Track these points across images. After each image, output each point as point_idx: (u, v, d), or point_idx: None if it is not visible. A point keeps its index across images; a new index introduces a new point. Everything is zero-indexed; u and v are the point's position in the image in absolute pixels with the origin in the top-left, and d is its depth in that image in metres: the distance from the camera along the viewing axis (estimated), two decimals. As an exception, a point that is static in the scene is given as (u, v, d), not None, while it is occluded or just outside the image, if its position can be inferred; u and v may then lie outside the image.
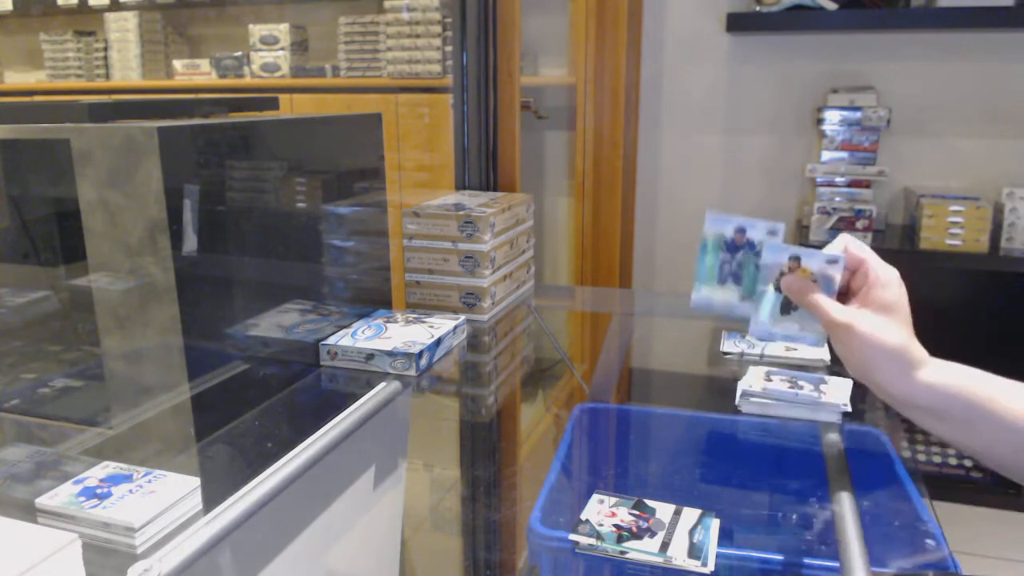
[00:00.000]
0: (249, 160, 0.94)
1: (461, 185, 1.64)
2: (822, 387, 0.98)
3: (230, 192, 0.90)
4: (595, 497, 0.78)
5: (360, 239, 1.18)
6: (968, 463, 2.25)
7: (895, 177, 2.36)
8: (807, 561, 0.73)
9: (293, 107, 2.89)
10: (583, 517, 0.74)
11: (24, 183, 0.92)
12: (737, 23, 2.32)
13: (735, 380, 1.02)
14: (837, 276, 0.73)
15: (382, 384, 1.00)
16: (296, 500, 0.74)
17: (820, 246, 0.75)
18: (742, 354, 1.14)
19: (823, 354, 1.13)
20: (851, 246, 0.73)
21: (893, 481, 0.86)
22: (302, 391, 1.04)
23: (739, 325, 1.27)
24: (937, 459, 2.28)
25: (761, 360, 1.12)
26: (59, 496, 0.69)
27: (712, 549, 0.69)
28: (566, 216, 2.65)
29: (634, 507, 0.76)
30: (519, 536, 0.79)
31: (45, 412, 0.92)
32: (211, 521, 0.66)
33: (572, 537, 0.71)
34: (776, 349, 1.15)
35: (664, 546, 0.69)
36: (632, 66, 2.45)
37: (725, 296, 0.78)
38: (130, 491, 0.70)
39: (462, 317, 1.22)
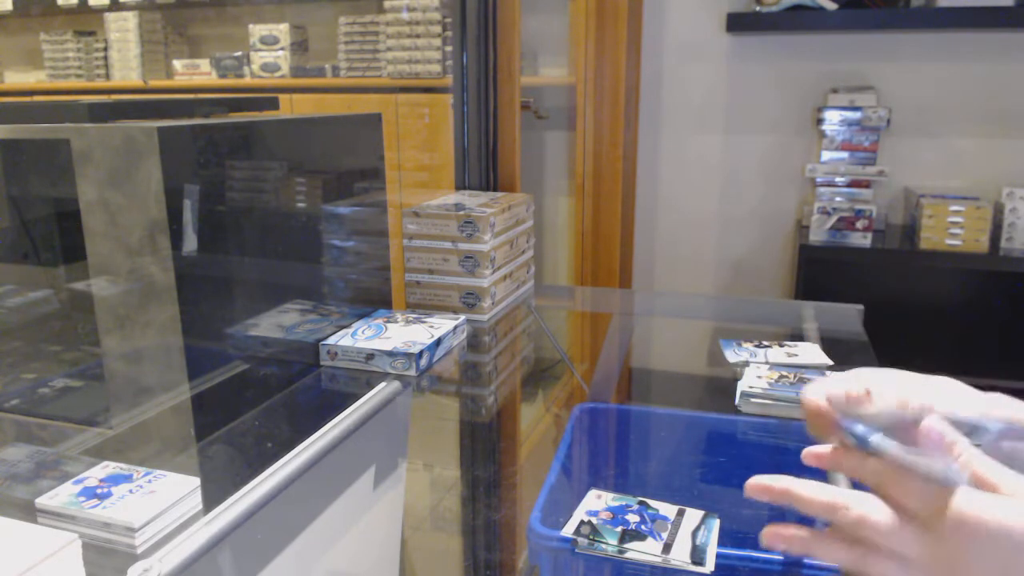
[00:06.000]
0: (249, 160, 0.94)
1: (461, 185, 1.64)
2: (822, 387, 0.98)
3: (230, 192, 0.90)
4: (592, 493, 0.78)
5: (360, 239, 1.18)
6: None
7: (895, 177, 2.36)
8: (807, 561, 0.73)
9: (293, 107, 2.89)
10: (577, 512, 0.74)
11: (24, 183, 0.92)
12: (737, 23, 2.32)
13: (735, 380, 1.02)
14: None
15: (382, 384, 1.00)
16: (296, 500, 0.74)
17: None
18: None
19: (823, 356, 1.13)
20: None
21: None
22: (302, 391, 1.04)
23: (735, 333, 1.27)
24: (937, 459, 2.27)
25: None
26: (59, 496, 0.69)
27: (712, 549, 0.69)
28: (566, 216, 2.65)
29: (634, 506, 0.76)
30: (519, 536, 0.79)
31: (45, 412, 0.92)
32: (211, 521, 0.66)
33: (563, 533, 0.71)
34: (777, 355, 1.14)
35: (666, 547, 0.69)
36: (632, 66, 2.45)
37: None
38: (130, 491, 0.70)
39: (462, 317, 1.22)
